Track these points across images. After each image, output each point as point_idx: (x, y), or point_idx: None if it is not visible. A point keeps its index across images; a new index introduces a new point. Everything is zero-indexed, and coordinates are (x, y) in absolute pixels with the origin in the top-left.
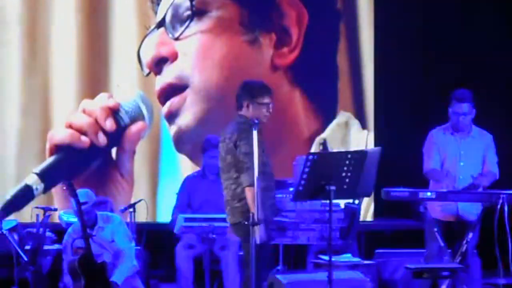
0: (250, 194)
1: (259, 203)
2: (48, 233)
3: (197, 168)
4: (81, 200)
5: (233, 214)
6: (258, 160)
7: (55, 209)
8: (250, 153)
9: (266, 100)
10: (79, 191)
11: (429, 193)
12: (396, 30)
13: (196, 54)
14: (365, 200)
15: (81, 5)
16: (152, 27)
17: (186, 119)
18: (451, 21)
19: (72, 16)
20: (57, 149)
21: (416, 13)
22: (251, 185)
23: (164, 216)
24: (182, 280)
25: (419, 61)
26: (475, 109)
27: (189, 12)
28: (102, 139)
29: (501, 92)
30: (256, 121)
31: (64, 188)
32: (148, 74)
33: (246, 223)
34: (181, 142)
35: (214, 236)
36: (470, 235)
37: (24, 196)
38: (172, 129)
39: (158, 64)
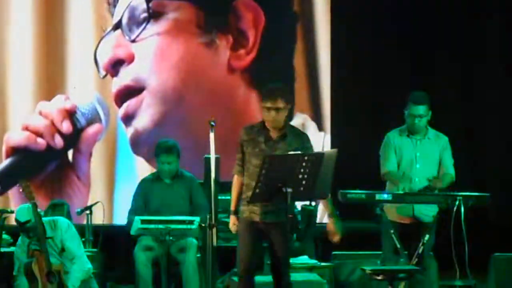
0: None
1: None
2: (4, 236)
3: (154, 170)
4: (24, 219)
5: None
6: None
7: (12, 211)
8: None
9: (267, 104)
10: (20, 208)
11: (385, 195)
12: (352, 32)
13: (153, 56)
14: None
15: (38, 6)
16: (109, 29)
17: (142, 121)
18: (407, 21)
19: (28, 17)
20: (14, 151)
21: (372, 14)
22: None
23: (121, 218)
24: (141, 283)
25: (376, 63)
26: (431, 111)
27: (145, 14)
28: (58, 141)
29: (456, 93)
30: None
31: (21, 190)
32: (104, 76)
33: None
34: (138, 144)
35: (171, 238)
36: (426, 237)
37: None
38: (129, 131)
39: (115, 66)
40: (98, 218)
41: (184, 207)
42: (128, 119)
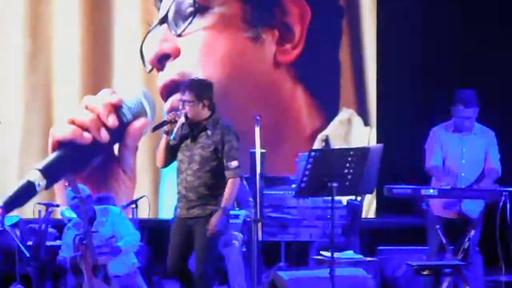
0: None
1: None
2: (50, 229)
3: None
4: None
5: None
6: None
7: (57, 205)
8: None
9: (181, 97)
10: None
11: (431, 190)
12: (398, 27)
13: (199, 50)
14: (367, 197)
15: (84, 1)
16: (155, 23)
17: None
18: (454, 17)
19: (74, 12)
20: (60, 145)
21: (419, 9)
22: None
23: (166, 212)
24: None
25: (422, 57)
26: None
27: (191, 9)
28: (104, 135)
29: (503, 88)
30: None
31: (67, 184)
32: (150, 71)
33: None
34: None
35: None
36: (472, 232)
37: (26, 192)
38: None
39: (161, 61)
40: (144, 212)
41: None
42: None
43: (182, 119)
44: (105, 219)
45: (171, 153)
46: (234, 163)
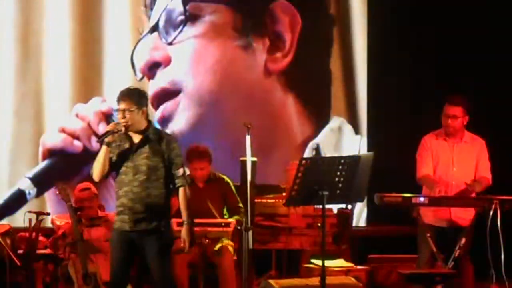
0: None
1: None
2: (40, 238)
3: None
4: None
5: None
6: None
7: (48, 214)
8: None
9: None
10: None
11: (422, 199)
12: (389, 35)
13: (190, 59)
14: (358, 205)
15: (74, 9)
16: (146, 31)
17: (179, 123)
18: (444, 25)
19: (65, 20)
20: (50, 153)
21: (410, 17)
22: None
23: None
24: (178, 286)
25: (413, 66)
26: (468, 116)
27: (182, 17)
28: (95, 144)
29: (493, 98)
30: None
31: (57, 192)
32: (141, 79)
33: (239, 228)
34: None
35: (207, 241)
36: (463, 240)
37: (17, 200)
38: None
39: (152, 69)
40: None
41: (218, 209)
42: (164, 121)
43: (122, 129)
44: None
45: (109, 165)
46: (182, 170)
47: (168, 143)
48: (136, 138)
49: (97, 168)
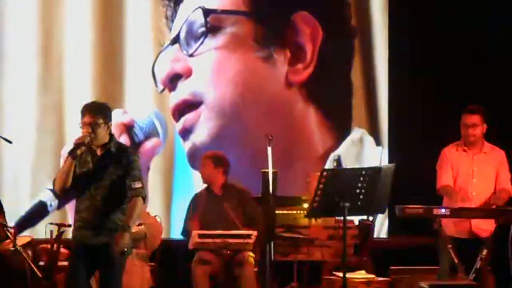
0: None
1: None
2: (62, 249)
3: None
4: None
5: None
6: None
7: (69, 226)
8: None
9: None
10: None
11: (443, 210)
12: (410, 47)
13: (211, 70)
14: (379, 217)
15: (96, 21)
16: (167, 43)
17: (200, 135)
18: (465, 37)
19: (86, 32)
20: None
21: (431, 29)
22: None
23: (178, 232)
24: None
25: (434, 78)
26: (487, 125)
27: (203, 29)
28: None
29: None
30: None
31: None
32: (162, 91)
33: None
34: (195, 158)
35: (228, 252)
36: (484, 252)
37: (38, 212)
38: (187, 146)
39: (173, 81)
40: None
41: (236, 218)
42: (185, 133)
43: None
44: None
45: (72, 178)
46: (138, 184)
47: (128, 157)
48: (99, 152)
49: (61, 181)
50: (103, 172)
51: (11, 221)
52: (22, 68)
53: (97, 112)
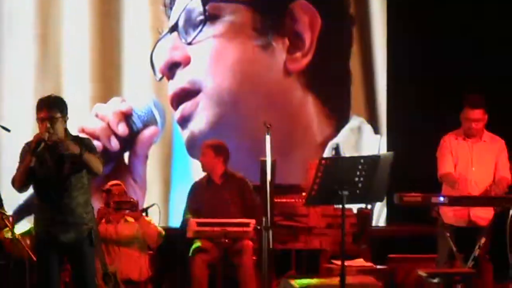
0: None
1: None
2: None
3: None
4: None
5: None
6: None
7: None
8: None
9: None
10: None
11: (441, 198)
12: (408, 35)
13: (209, 58)
14: (378, 205)
15: (93, 8)
16: (165, 31)
17: (198, 123)
18: (464, 24)
19: (84, 20)
20: None
21: (430, 16)
22: None
23: (177, 220)
24: (197, 286)
25: (432, 65)
26: (487, 115)
27: (202, 17)
28: (114, 144)
29: None
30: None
31: None
32: (160, 79)
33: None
34: (194, 146)
35: (227, 241)
36: (483, 240)
37: None
38: (185, 134)
39: (171, 69)
40: (154, 220)
41: (236, 207)
42: (184, 121)
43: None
44: None
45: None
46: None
47: (86, 145)
48: (55, 148)
49: (21, 180)
50: (63, 167)
51: (9, 209)
52: (19, 56)
53: (54, 106)
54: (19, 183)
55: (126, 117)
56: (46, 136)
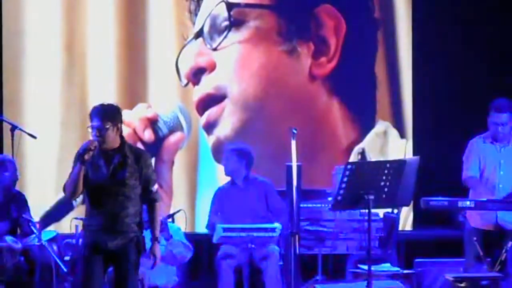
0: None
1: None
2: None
3: None
4: None
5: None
6: None
7: None
8: None
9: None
10: None
11: (468, 202)
12: (434, 38)
13: (234, 64)
14: (404, 210)
15: (119, 15)
16: (190, 37)
17: (224, 129)
18: (491, 30)
19: (109, 27)
20: None
21: (455, 21)
22: None
23: (203, 226)
24: None
25: (458, 70)
26: None
27: (227, 23)
28: None
29: None
30: None
31: None
32: (186, 85)
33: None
34: (220, 152)
35: (253, 246)
36: (510, 244)
37: (63, 207)
38: (211, 140)
39: (196, 75)
40: (181, 226)
41: (260, 211)
42: (209, 127)
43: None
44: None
45: (83, 183)
46: (156, 187)
47: (145, 161)
48: (112, 157)
49: (71, 187)
50: (119, 177)
51: (36, 216)
52: (46, 64)
53: (104, 115)
54: (68, 190)
55: (152, 123)
56: (94, 145)
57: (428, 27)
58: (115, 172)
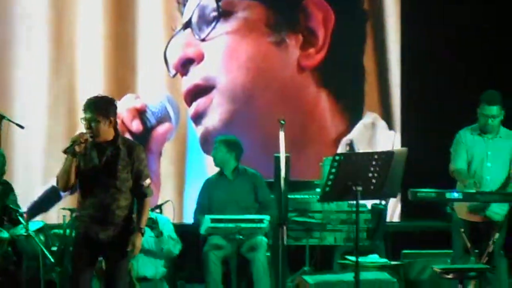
0: None
1: None
2: (74, 235)
3: None
4: None
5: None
6: None
7: None
8: None
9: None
10: None
11: (456, 194)
12: (423, 30)
13: (223, 55)
14: (392, 201)
15: (107, 6)
16: (179, 28)
17: (212, 120)
18: (479, 19)
19: (98, 18)
20: None
21: (444, 12)
22: None
23: (191, 216)
24: (211, 282)
25: (446, 61)
26: (504, 111)
27: (215, 13)
28: None
29: None
30: None
31: None
32: (174, 75)
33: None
34: (208, 143)
35: (240, 237)
36: (497, 235)
37: (51, 197)
38: (199, 130)
39: (185, 65)
40: (168, 216)
41: (248, 202)
42: (198, 118)
43: (88, 139)
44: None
45: (76, 175)
46: (148, 181)
47: (137, 155)
48: (105, 149)
49: (63, 179)
50: (111, 169)
51: (23, 206)
52: (33, 54)
53: (95, 108)
54: (62, 183)
55: (140, 113)
56: (85, 137)
57: (416, 19)
58: (107, 165)
